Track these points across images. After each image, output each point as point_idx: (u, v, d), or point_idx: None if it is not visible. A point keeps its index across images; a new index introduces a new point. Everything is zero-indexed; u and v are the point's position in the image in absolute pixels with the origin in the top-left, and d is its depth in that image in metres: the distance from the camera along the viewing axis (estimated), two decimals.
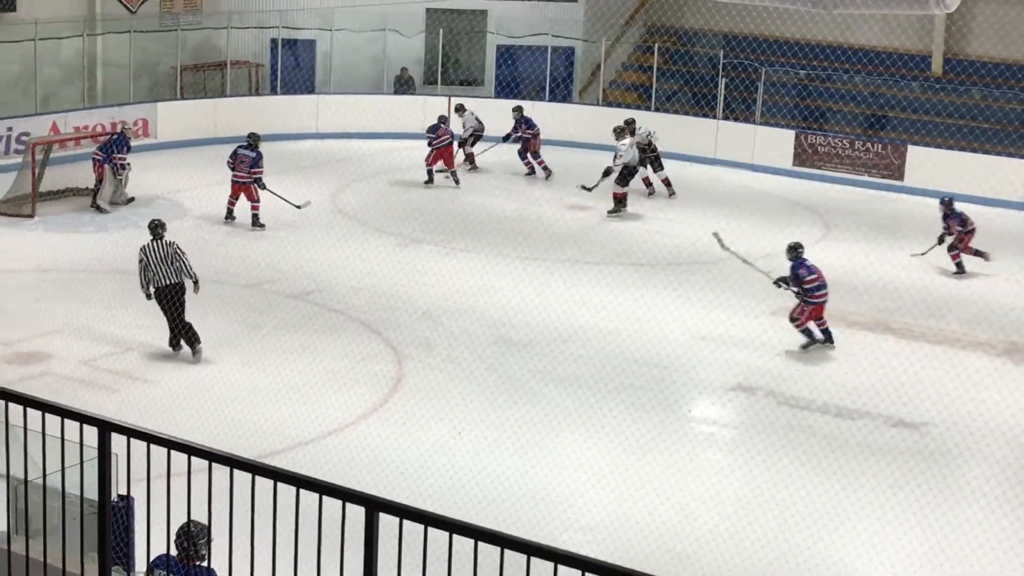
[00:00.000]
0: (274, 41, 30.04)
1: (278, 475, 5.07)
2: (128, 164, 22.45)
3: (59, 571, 5.67)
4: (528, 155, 26.37)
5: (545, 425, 13.92)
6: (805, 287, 16.32)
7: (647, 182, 24.66)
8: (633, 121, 24.81)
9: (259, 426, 13.25)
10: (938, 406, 14.73)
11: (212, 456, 5.16)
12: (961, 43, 28.96)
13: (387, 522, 4.94)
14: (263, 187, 21.37)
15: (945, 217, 20.34)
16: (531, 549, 4.54)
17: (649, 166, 24.53)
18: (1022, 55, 27.92)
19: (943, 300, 18.87)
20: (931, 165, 25.90)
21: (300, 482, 5.01)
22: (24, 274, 18.71)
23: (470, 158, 26.58)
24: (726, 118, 28.32)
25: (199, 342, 15.33)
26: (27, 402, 5.54)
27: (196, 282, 15.38)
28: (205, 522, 6.20)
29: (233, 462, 5.10)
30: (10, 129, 24.95)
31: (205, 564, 7.69)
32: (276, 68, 30.26)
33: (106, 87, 28.28)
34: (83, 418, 5.42)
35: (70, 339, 15.88)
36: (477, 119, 26.65)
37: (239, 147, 21.67)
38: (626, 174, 23.22)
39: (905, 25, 28.00)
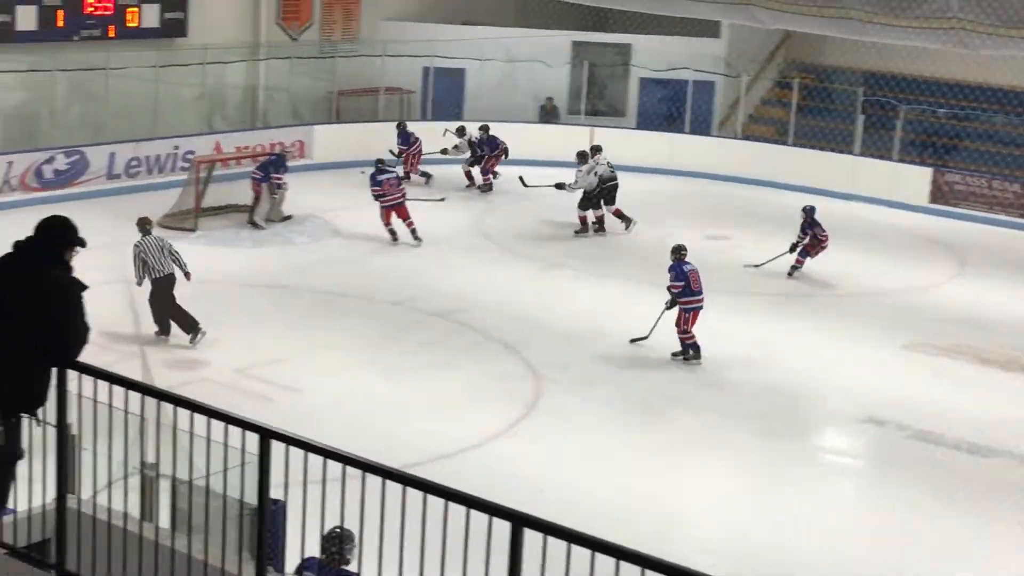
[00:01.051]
0: (426, 69, 30.39)
1: (427, 487, 5.14)
2: (285, 184, 22.88)
3: (218, 570, 5.80)
4: (486, 169, 26.46)
5: (677, 449, 13.86)
6: (672, 290, 16.41)
7: (599, 219, 23.40)
8: (599, 148, 24.29)
9: (401, 438, 13.38)
10: None
11: (366, 466, 5.25)
12: None
13: (529, 537, 4.98)
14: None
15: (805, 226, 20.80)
16: (672, 570, 4.55)
17: (603, 201, 23.37)
18: None
19: None
20: None
21: (449, 495, 5.07)
22: (185, 285, 19.16)
23: (484, 177, 26.57)
24: (864, 154, 27.92)
25: (198, 325, 16.02)
26: (195, 407, 5.69)
27: (187, 273, 16.40)
28: (353, 529, 6.30)
29: (386, 473, 5.19)
30: (176, 147, 25.61)
31: (351, 569, 7.83)
32: (426, 95, 30.62)
33: (267, 109, 28.91)
34: (246, 425, 5.55)
35: (226, 348, 16.23)
36: (474, 140, 26.54)
37: (377, 174, 21.75)
38: (587, 199, 23.12)
39: None
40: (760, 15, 10.71)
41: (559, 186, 23.20)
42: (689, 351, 16.38)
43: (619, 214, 23.68)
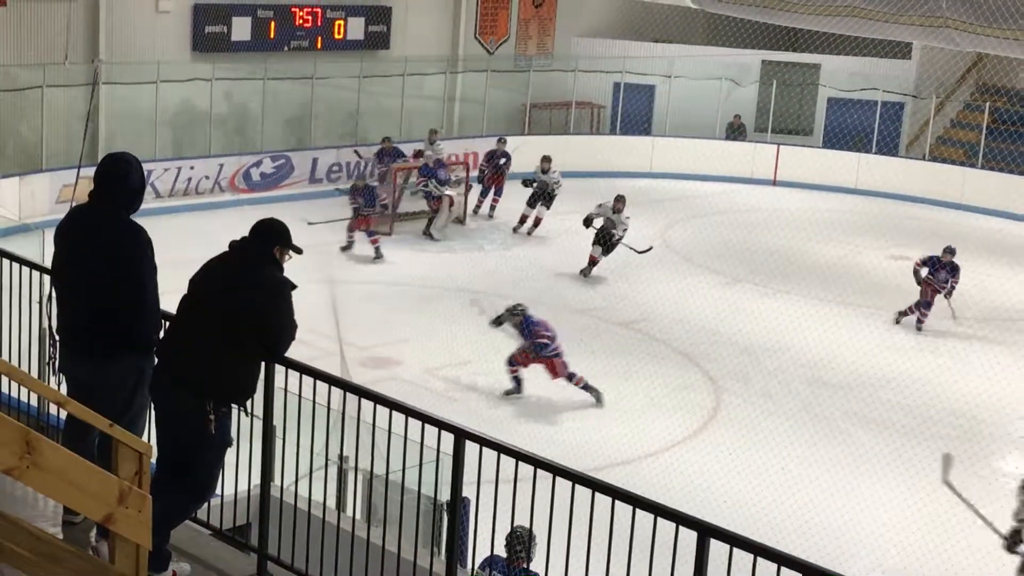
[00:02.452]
0: (616, 84, 30.37)
1: (615, 493, 5.11)
2: (444, 194, 22.58)
3: (409, 563, 5.87)
4: (489, 189, 24.62)
5: (855, 466, 13.56)
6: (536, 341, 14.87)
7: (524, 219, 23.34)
8: (549, 159, 23.64)
9: (582, 443, 13.39)
10: None
11: (556, 470, 5.25)
12: None
13: (713, 547, 4.91)
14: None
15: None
16: None
17: (541, 203, 23.14)
18: None
19: None
20: None
21: (636, 501, 5.03)
22: (380, 286, 19.53)
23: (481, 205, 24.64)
24: None
25: None
26: (395, 406, 5.77)
27: None
28: (540, 531, 6.31)
29: (576, 477, 5.18)
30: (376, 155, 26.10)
31: (530, 567, 7.85)
32: (616, 109, 30.59)
33: (462, 120, 29.25)
34: (442, 425, 5.60)
35: (416, 348, 16.46)
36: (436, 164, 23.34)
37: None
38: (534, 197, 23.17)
39: None
40: (957, 38, 10.40)
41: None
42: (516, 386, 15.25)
43: (538, 222, 23.30)
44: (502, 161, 24.33)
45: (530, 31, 31.06)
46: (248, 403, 5.96)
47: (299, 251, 6.07)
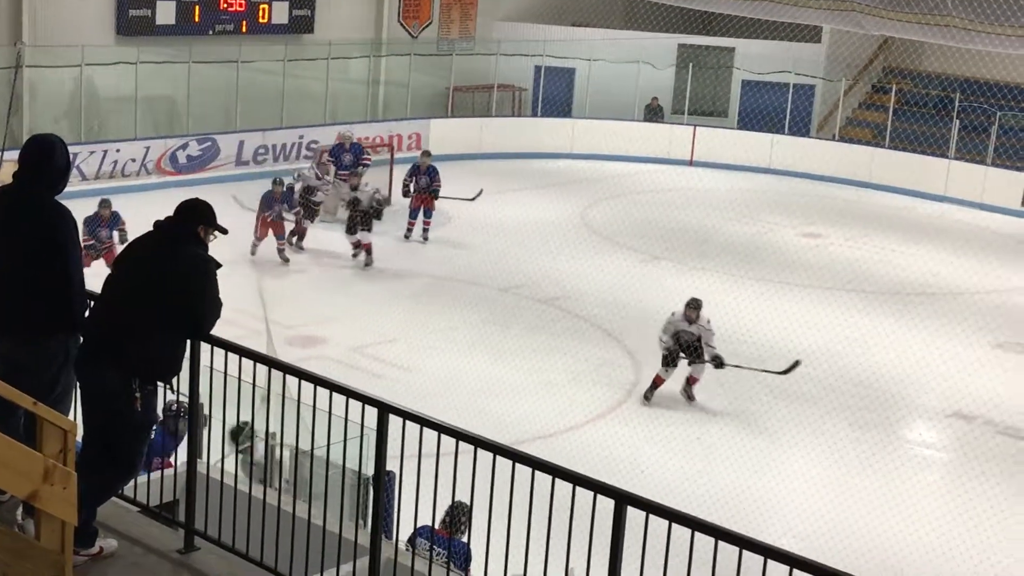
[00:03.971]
0: (538, 68, 30.40)
1: (536, 464, 5.13)
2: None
3: (334, 535, 5.86)
4: (417, 211, 21.37)
5: (771, 437, 13.73)
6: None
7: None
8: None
9: (505, 417, 13.42)
10: None
11: (478, 442, 5.26)
12: None
13: (630, 515, 4.95)
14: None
15: None
16: (768, 551, 4.50)
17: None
18: None
19: None
20: None
21: (556, 472, 5.06)
22: (307, 265, 19.42)
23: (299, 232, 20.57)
24: (958, 158, 27.38)
25: None
26: (318, 381, 5.75)
27: None
28: (465, 502, 6.32)
29: (497, 449, 5.19)
30: (301, 137, 25.95)
31: (464, 539, 7.86)
32: (538, 92, 30.63)
33: (386, 103, 29.12)
34: (366, 399, 5.59)
35: (344, 327, 16.40)
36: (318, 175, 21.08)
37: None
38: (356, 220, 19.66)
39: None
40: (864, 21, 10.55)
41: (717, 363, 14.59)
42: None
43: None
44: (423, 181, 21.10)
45: (452, 15, 30.98)
46: (174, 381, 5.91)
47: (224, 231, 6.01)
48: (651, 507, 4.78)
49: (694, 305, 14.59)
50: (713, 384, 15.09)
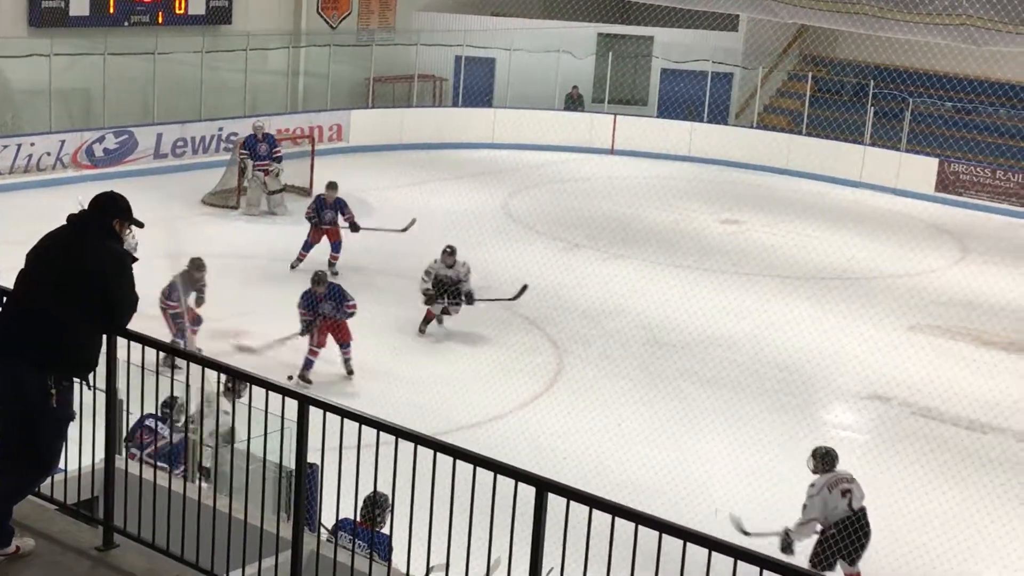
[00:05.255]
0: (458, 58, 30.35)
1: (457, 453, 5.12)
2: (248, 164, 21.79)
3: (256, 528, 5.81)
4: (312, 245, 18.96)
5: (691, 422, 13.84)
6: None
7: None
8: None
9: (430, 408, 13.39)
10: None
11: (399, 432, 5.25)
12: None
13: (553, 502, 4.97)
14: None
15: None
16: (690, 535, 4.54)
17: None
18: None
19: None
20: None
21: (477, 460, 5.06)
22: (227, 259, 19.20)
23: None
24: (873, 144, 27.77)
25: None
26: (236, 374, 5.70)
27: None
28: (386, 493, 6.30)
29: (418, 439, 5.18)
30: (220, 129, 25.67)
31: (385, 531, 7.83)
32: (458, 82, 30.58)
33: (306, 94, 28.90)
34: (286, 392, 5.55)
35: (264, 319, 16.24)
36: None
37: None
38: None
39: None
40: (777, 9, 10.66)
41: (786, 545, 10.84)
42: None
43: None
44: (329, 215, 18.79)
45: (372, 5, 30.83)
46: (90, 376, 5.82)
47: (140, 225, 5.93)
48: (571, 493, 4.80)
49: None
50: (636, 371, 15.19)
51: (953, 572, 10.89)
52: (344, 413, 5.40)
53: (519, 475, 4.96)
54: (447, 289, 16.14)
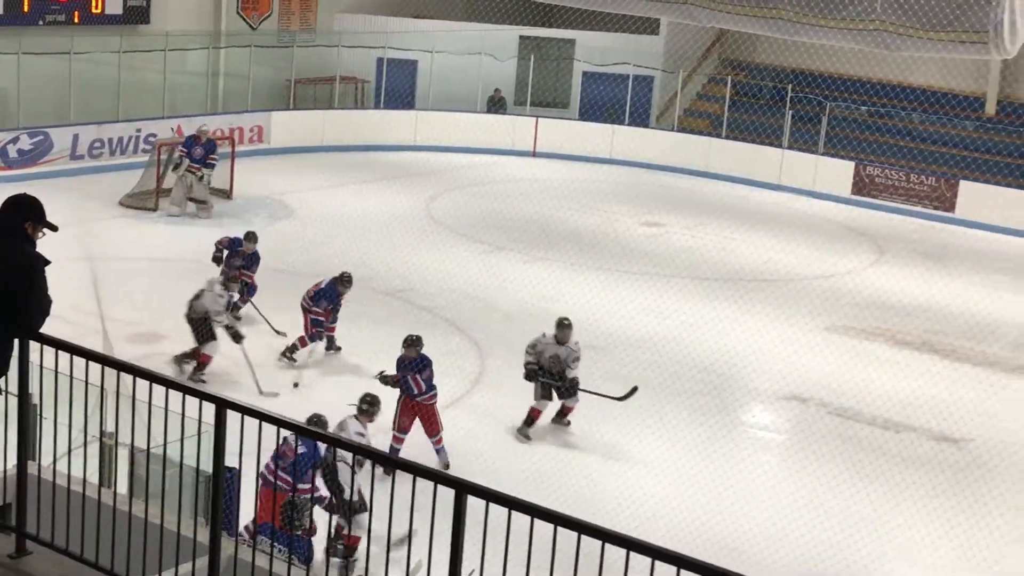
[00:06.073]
0: (380, 60, 30.25)
1: (376, 457, 5.11)
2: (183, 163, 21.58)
3: (173, 534, 5.74)
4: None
5: (613, 423, 13.88)
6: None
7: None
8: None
9: (353, 412, 13.31)
10: (978, 424, 14.53)
11: (321, 437, 5.22)
12: (1014, 87, 28.53)
13: (473, 503, 4.97)
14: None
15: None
16: (605, 536, 4.56)
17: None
18: None
19: (989, 325, 18.57)
20: (981, 199, 25.56)
21: (396, 464, 5.04)
22: (145, 262, 19.00)
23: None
24: (791, 148, 28.11)
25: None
26: (153, 378, 5.63)
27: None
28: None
29: (339, 443, 5.16)
30: (139, 130, 25.34)
31: (303, 535, 7.78)
32: (380, 84, 30.48)
33: (227, 95, 28.64)
34: (203, 395, 5.50)
35: (182, 323, 16.04)
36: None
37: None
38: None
39: (962, 68, 27.61)
40: (696, 14, 10.69)
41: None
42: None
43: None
44: (237, 261, 16.52)
45: (292, 6, 30.64)
46: (1, 381, 5.72)
47: (53, 228, 5.84)
48: (490, 496, 4.80)
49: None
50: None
51: (867, 569, 11.05)
52: (263, 417, 5.36)
53: (438, 477, 4.96)
54: (549, 370, 13.55)
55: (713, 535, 11.12)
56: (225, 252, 16.61)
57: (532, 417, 13.53)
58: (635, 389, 13.93)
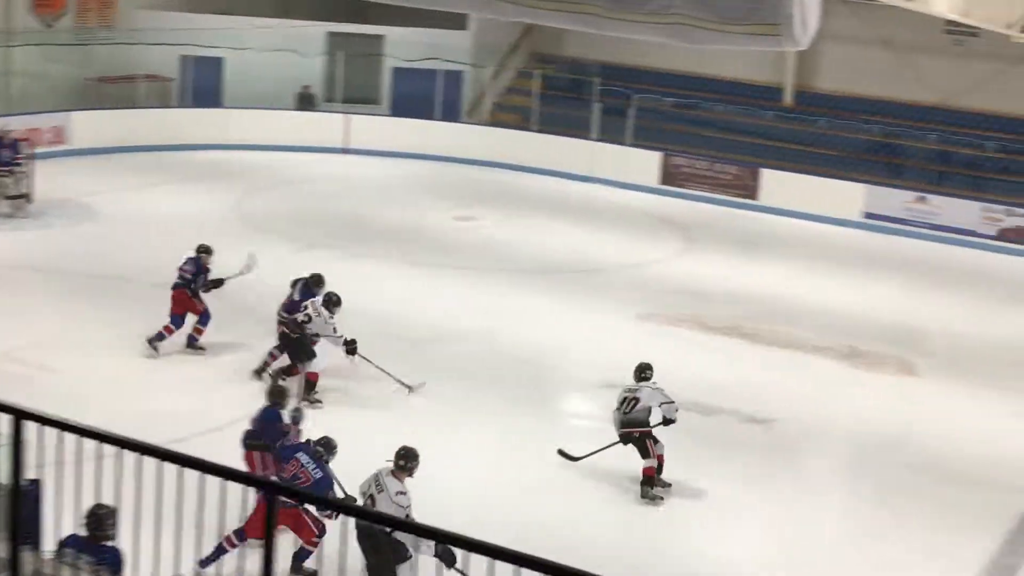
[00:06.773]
0: (183, 58, 29.60)
1: (181, 460, 4.99)
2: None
3: None
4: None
5: (435, 414, 13.91)
6: None
7: None
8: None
9: (162, 415, 13.02)
10: (784, 404, 15.00)
11: (122, 443, 5.08)
12: (811, 77, 29.53)
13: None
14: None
15: None
16: (416, 530, 4.55)
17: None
18: (863, 90, 28.53)
19: (793, 308, 19.21)
20: (782, 186, 26.39)
21: (204, 467, 4.95)
22: None
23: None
24: (600, 139, 28.55)
25: None
26: None
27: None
28: (113, 505, 6.09)
29: (142, 448, 5.02)
30: None
31: (112, 544, 7.58)
32: (184, 82, 29.84)
33: (22, 95, 27.60)
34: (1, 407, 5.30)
35: None
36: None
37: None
38: None
39: (761, 60, 28.45)
40: (504, 9, 10.74)
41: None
42: None
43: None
44: (190, 276, 15.84)
45: (90, 3, 29.70)
46: None
47: None
48: (301, 496, 4.75)
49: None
50: (376, 369, 15.16)
51: (679, 550, 11.31)
52: (64, 426, 5.18)
53: (249, 480, 4.88)
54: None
55: (527, 518, 11.21)
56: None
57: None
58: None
